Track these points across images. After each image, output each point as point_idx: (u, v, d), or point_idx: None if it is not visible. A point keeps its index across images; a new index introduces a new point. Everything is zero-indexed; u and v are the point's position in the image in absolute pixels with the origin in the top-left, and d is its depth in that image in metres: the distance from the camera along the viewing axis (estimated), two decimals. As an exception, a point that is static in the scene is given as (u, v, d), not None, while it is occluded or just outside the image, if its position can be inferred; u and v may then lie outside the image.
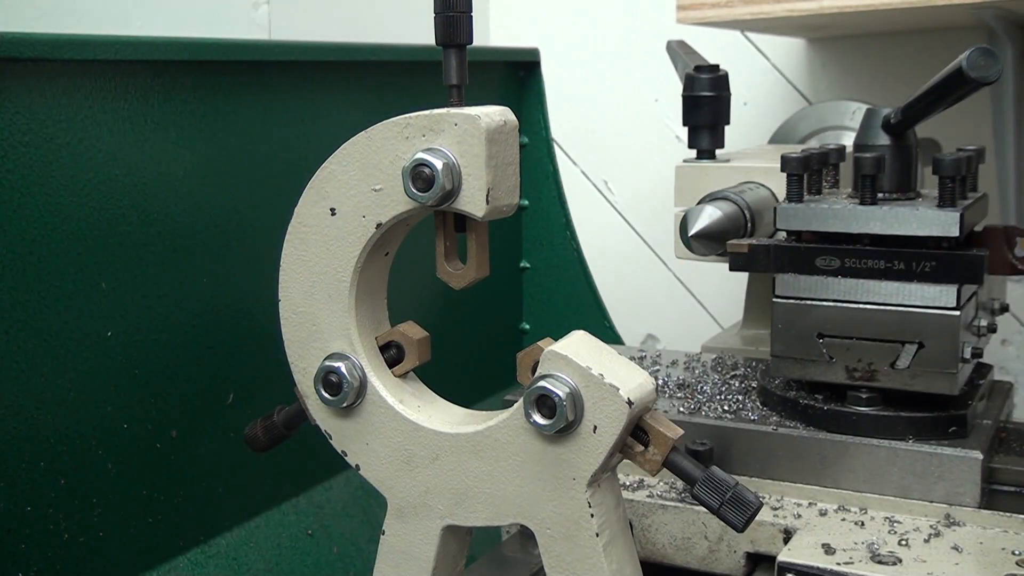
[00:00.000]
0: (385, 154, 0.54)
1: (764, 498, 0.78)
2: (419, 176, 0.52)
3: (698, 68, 1.07)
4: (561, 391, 0.50)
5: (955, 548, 0.69)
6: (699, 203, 0.93)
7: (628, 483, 0.80)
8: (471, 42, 0.54)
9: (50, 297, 0.71)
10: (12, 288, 0.68)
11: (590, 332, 0.56)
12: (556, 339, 0.55)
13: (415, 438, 0.56)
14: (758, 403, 0.84)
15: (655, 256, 1.63)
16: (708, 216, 0.88)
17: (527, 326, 1.25)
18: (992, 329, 0.84)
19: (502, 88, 1.20)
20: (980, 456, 0.73)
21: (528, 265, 1.25)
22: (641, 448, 0.52)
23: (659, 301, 1.62)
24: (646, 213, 1.63)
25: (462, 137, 0.51)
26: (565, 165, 1.64)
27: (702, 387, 0.89)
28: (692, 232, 0.88)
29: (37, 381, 0.70)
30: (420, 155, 0.52)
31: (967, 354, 0.76)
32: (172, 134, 0.79)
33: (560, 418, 0.50)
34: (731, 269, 0.82)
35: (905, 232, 0.75)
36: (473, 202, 0.52)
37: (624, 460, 0.54)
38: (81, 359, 0.73)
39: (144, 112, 0.76)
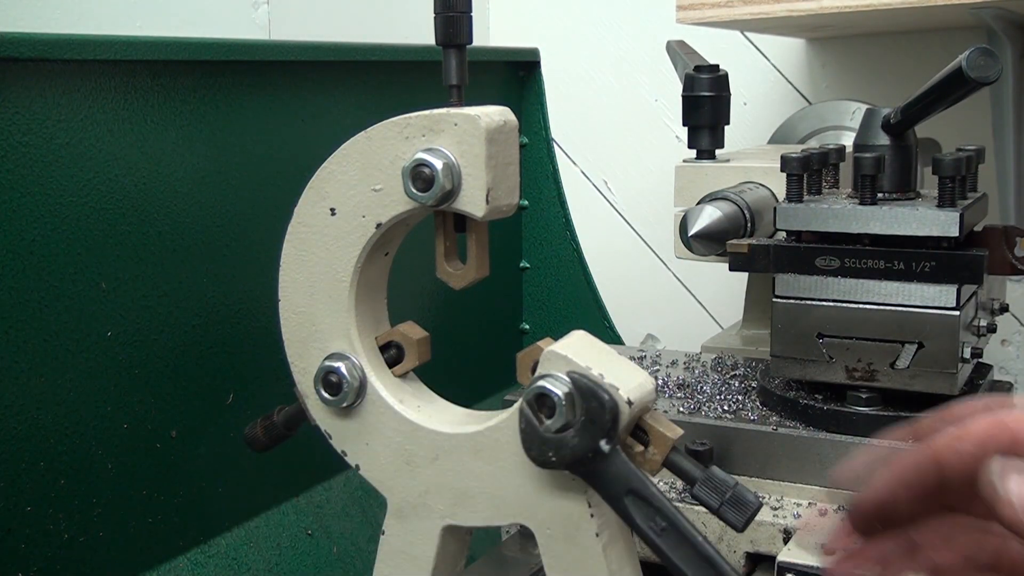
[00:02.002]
0: (385, 154, 0.54)
1: (764, 498, 0.78)
2: (419, 176, 0.52)
3: (698, 68, 1.07)
4: (560, 391, 0.50)
5: (955, 548, 0.69)
6: (699, 203, 0.93)
7: (628, 483, 0.80)
8: (471, 42, 0.54)
9: (50, 297, 0.71)
10: (12, 288, 0.68)
11: (590, 332, 0.56)
12: (556, 339, 0.54)
13: (415, 438, 0.56)
14: (758, 403, 0.84)
15: (655, 256, 1.63)
16: (708, 216, 0.88)
17: (527, 326, 1.25)
18: (992, 329, 0.84)
19: (502, 88, 1.20)
20: (980, 456, 0.73)
21: (528, 265, 1.25)
22: (641, 448, 0.52)
23: (659, 301, 1.62)
24: (646, 213, 1.63)
25: (462, 137, 0.51)
26: (565, 165, 1.64)
27: (702, 387, 0.89)
28: (692, 232, 0.88)
29: (37, 381, 0.70)
30: (420, 155, 0.52)
31: (967, 354, 0.76)
32: (172, 134, 0.79)
33: (559, 418, 0.50)
34: (731, 269, 0.82)
35: (905, 232, 0.75)
36: (473, 202, 0.52)
37: None
38: (81, 359, 0.73)
39: (144, 112, 0.76)
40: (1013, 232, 0.79)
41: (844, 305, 0.78)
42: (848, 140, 1.23)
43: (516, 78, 1.22)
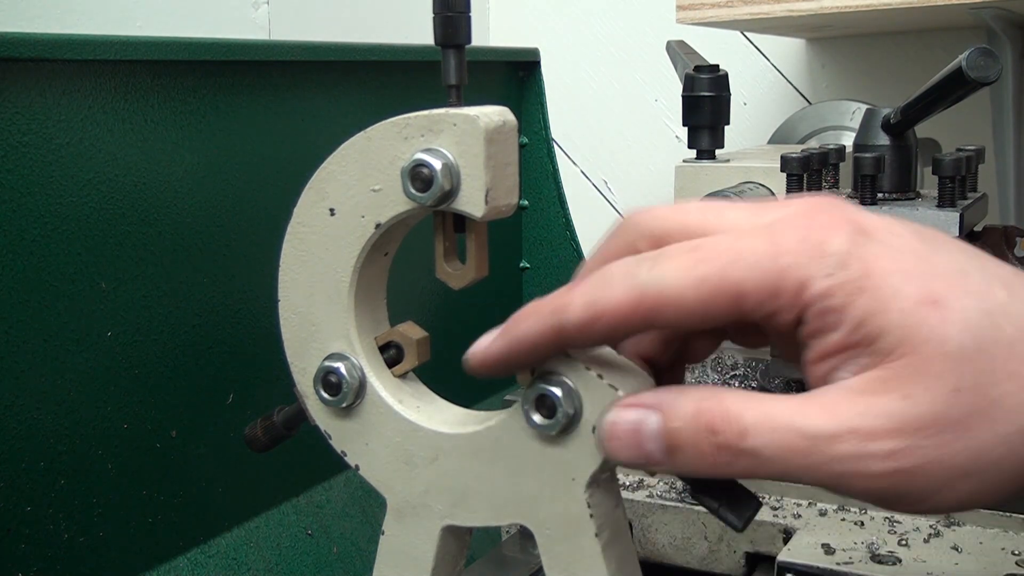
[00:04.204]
0: (384, 154, 0.53)
1: (764, 498, 0.78)
2: (418, 176, 0.52)
3: (698, 68, 1.07)
4: (559, 391, 0.50)
5: (955, 548, 0.69)
6: (699, 203, 0.93)
7: (628, 483, 0.80)
8: (470, 42, 0.54)
9: (50, 297, 0.71)
10: (12, 288, 0.68)
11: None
12: None
13: (414, 438, 0.56)
14: (758, 403, 0.84)
15: (655, 256, 1.63)
16: (708, 216, 0.88)
17: (527, 326, 1.24)
18: (992, 329, 0.83)
19: (502, 88, 1.20)
20: (980, 456, 0.73)
21: (528, 265, 1.25)
22: None
23: (659, 301, 1.62)
24: (646, 213, 1.63)
25: (461, 137, 0.51)
26: (565, 165, 1.64)
27: (702, 387, 0.89)
28: (692, 232, 0.88)
29: (37, 381, 0.70)
30: (419, 155, 0.52)
31: (967, 354, 0.76)
32: (172, 134, 0.79)
33: (559, 418, 0.50)
34: (731, 269, 0.82)
35: (905, 232, 0.75)
36: (472, 202, 0.52)
37: None
38: (81, 359, 0.73)
39: (144, 112, 0.77)
40: (1013, 232, 0.79)
41: (844, 305, 0.77)
42: (848, 140, 1.23)
43: (516, 78, 1.22)
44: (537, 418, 0.51)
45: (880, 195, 0.78)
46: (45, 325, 0.71)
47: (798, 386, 0.82)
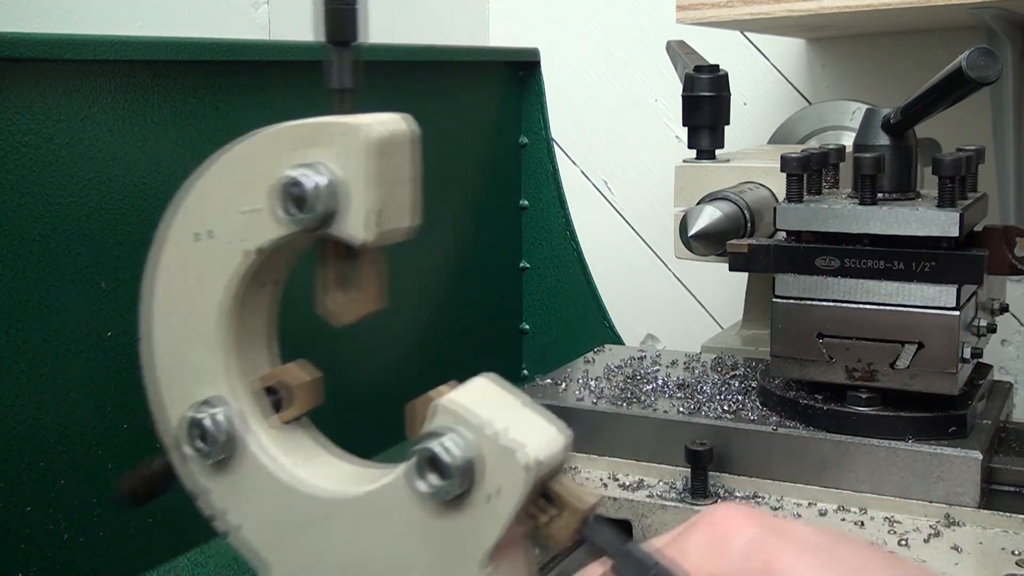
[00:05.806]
0: (257, 170, 0.46)
1: (764, 498, 0.78)
2: (291, 196, 0.43)
3: (698, 68, 1.07)
4: (452, 451, 0.41)
5: (955, 548, 0.69)
6: (699, 203, 0.93)
7: (628, 483, 0.80)
8: (357, 39, 0.49)
9: (50, 297, 0.71)
10: (12, 288, 0.68)
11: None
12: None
13: (290, 501, 0.47)
14: (758, 403, 0.84)
15: (655, 256, 1.63)
16: (708, 216, 0.88)
17: (527, 326, 1.24)
18: (992, 329, 0.84)
19: (502, 88, 1.20)
20: (980, 456, 0.73)
21: (528, 265, 1.25)
22: (549, 518, 0.42)
23: (659, 301, 1.62)
24: (646, 213, 1.63)
25: (342, 151, 0.44)
26: (565, 165, 1.64)
27: (702, 387, 0.89)
28: (692, 232, 0.88)
29: (37, 381, 0.70)
30: (294, 171, 0.44)
31: (967, 354, 0.76)
32: (172, 134, 0.79)
33: (451, 483, 0.41)
34: (731, 269, 0.82)
35: (905, 232, 0.75)
36: (356, 226, 0.43)
37: (536, 529, 0.43)
38: (81, 359, 0.73)
39: (144, 112, 0.77)
40: (1013, 232, 0.79)
41: (844, 305, 0.78)
42: (848, 140, 1.23)
43: (516, 78, 1.22)
44: (423, 485, 0.42)
45: (880, 195, 0.78)
46: (45, 325, 0.71)
47: (797, 386, 0.82)
